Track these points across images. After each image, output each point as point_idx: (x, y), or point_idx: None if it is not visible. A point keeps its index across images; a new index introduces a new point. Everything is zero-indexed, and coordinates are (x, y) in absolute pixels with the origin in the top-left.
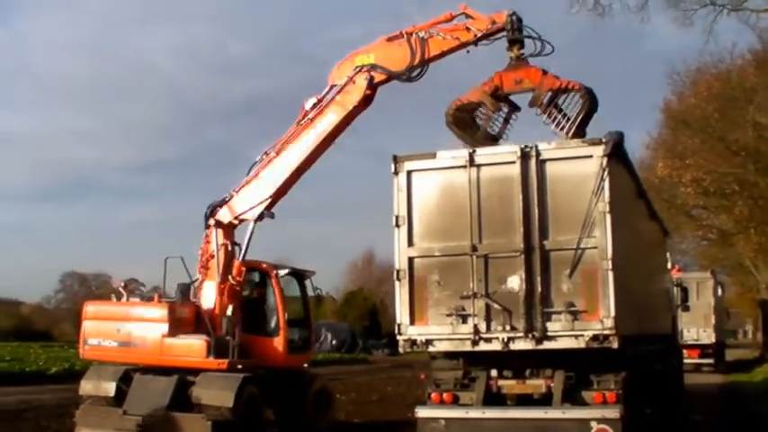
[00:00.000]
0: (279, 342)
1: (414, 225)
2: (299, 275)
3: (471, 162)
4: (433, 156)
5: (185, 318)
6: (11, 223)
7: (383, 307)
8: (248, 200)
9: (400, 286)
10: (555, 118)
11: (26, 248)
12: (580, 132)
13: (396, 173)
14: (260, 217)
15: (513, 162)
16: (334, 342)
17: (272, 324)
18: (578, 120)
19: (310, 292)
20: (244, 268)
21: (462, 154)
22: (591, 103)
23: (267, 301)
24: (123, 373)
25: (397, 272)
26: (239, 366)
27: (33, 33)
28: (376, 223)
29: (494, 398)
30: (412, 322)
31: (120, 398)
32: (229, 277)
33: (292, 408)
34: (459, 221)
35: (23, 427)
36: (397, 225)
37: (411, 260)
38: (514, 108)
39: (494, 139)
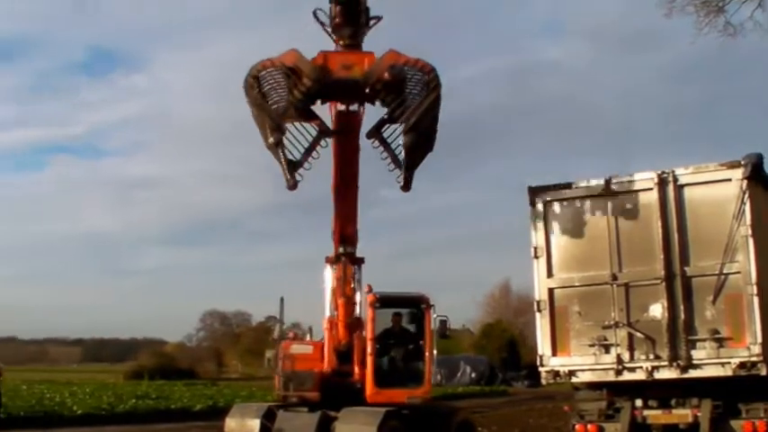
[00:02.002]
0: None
1: (552, 255)
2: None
3: (608, 191)
4: (569, 186)
5: None
6: (152, 267)
7: (522, 338)
8: None
9: (541, 317)
10: (389, 103)
11: (167, 290)
12: (418, 128)
13: (532, 204)
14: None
15: (651, 189)
16: (473, 375)
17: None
18: (422, 107)
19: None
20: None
21: (599, 182)
22: (437, 93)
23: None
24: (267, 410)
25: (538, 303)
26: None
27: (174, 80)
28: (512, 254)
29: (639, 428)
30: (554, 353)
31: None
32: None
33: None
34: (598, 250)
35: None
36: (536, 256)
37: (551, 291)
38: (325, 132)
39: (292, 166)
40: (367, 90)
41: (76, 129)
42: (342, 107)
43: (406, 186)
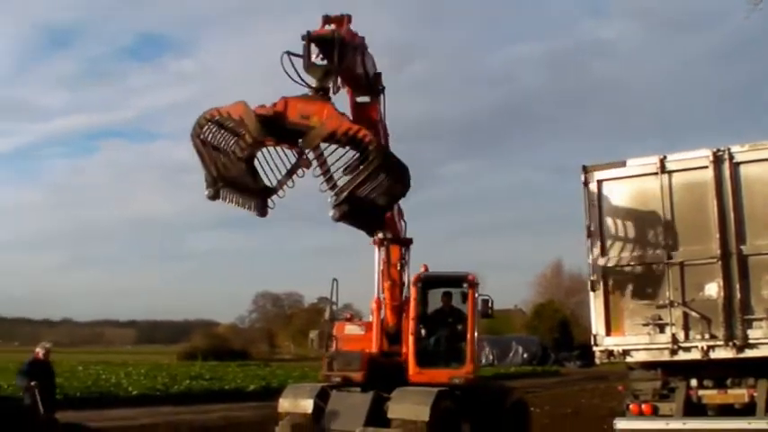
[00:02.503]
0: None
1: (606, 235)
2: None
3: (662, 169)
4: (623, 164)
5: None
6: (204, 251)
7: (574, 318)
8: None
9: (594, 297)
10: (327, 171)
11: (219, 273)
12: (346, 206)
13: (586, 183)
14: None
15: (706, 167)
16: (525, 355)
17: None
18: (356, 181)
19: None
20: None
21: (653, 161)
22: (381, 165)
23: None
24: (320, 390)
25: (591, 282)
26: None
27: (222, 65)
28: (564, 235)
29: (694, 408)
30: (608, 333)
31: (317, 414)
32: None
33: (488, 421)
34: (653, 229)
35: None
36: (589, 235)
37: (605, 270)
38: (304, 162)
39: (263, 193)
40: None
41: (127, 113)
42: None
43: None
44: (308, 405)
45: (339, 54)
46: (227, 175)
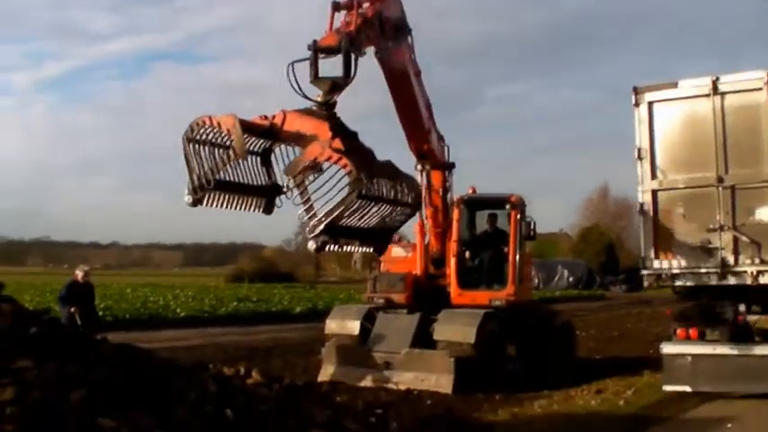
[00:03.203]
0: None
1: (656, 157)
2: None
3: (715, 90)
4: (675, 85)
5: None
6: None
7: (619, 243)
8: None
9: (644, 220)
10: (307, 201)
11: None
12: (325, 237)
13: (636, 104)
14: None
15: (760, 89)
16: (570, 279)
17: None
18: (332, 215)
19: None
20: None
21: (705, 82)
22: (360, 196)
23: None
24: (367, 312)
25: (641, 205)
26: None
27: None
28: (610, 158)
29: (741, 333)
30: (656, 256)
31: (363, 336)
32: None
33: (534, 344)
34: (704, 152)
35: (274, 363)
36: (640, 158)
37: (654, 193)
38: (315, 167)
39: (271, 190)
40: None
41: (176, 35)
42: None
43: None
44: (354, 326)
45: (346, 66)
46: (218, 178)
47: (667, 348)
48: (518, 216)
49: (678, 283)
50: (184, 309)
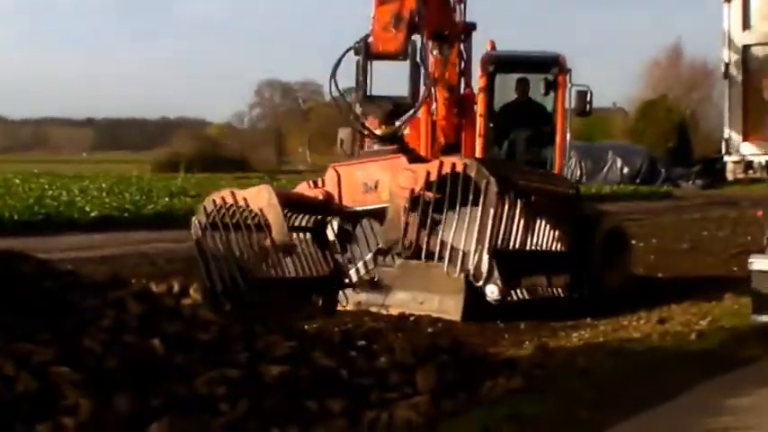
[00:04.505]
0: None
1: (750, 1)
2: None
3: None
4: None
5: None
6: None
7: (694, 122)
8: None
9: (729, 89)
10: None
11: (211, 55)
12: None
13: None
14: None
15: None
16: (625, 170)
17: None
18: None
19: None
20: None
21: None
22: None
23: None
24: None
25: (726, 67)
26: None
27: None
28: (684, 6)
29: None
30: (745, 137)
31: (342, 241)
32: None
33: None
34: None
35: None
36: (727, 0)
37: (746, 49)
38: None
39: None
40: None
41: None
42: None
43: None
44: (329, 228)
45: (413, 82)
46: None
47: (759, 264)
48: (568, 83)
49: None
50: (96, 207)
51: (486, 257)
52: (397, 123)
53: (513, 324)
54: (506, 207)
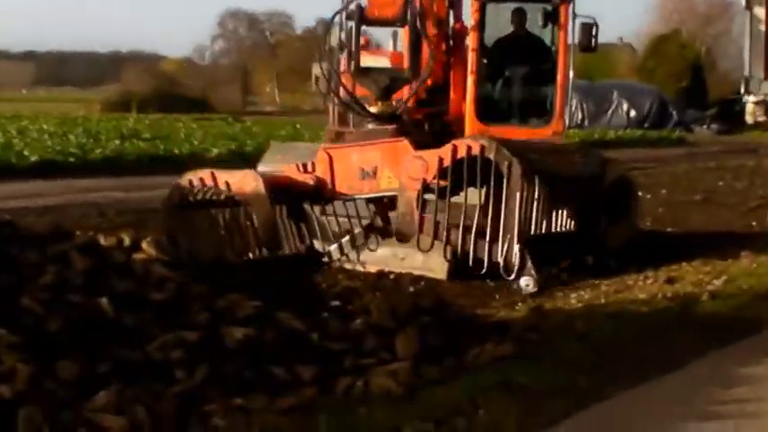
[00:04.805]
0: None
1: None
2: None
3: None
4: None
5: None
6: None
7: (711, 59)
8: None
9: (751, 20)
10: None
11: None
12: None
13: None
14: None
15: None
16: (632, 113)
17: None
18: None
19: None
20: None
21: None
22: None
23: None
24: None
25: None
26: None
27: None
28: None
29: None
30: (767, 76)
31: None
32: None
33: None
34: None
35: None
36: None
37: None
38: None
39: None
40: None
41: None
42: None
43: None
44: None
45: (414, 51)
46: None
47: None
48: (570, 14)
49: None
50: (37, 150)
51: (516, 247)
52: (395, 102)
53: (504, 283)
54: (533, 190)
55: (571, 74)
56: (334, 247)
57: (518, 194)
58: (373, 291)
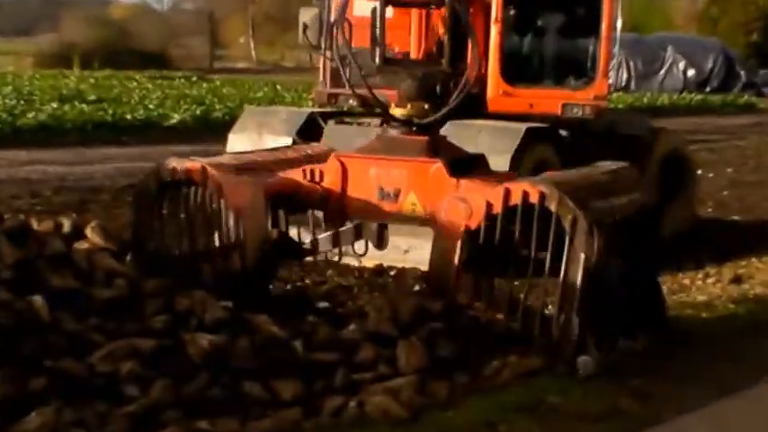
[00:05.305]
0: None
1: None
2: None
3: None
4: None
5: None
6: None
7: None
8: None
9: None
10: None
11: None
12: None
13: None
14: None
15: None
16: (690, 73)
17: None
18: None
19: None
20: None
21: None
22: None
23: None
24: (307, 121)
25: None
26: None
27: None
28: None
29: None
30: None
31: None
32: None
33: None
34: None
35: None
36: None
37: None
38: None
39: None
40: None
41: None
42: None
43: None
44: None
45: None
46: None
47: None
48: None
49: None
50: None
51: (575, 321)
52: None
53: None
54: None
55: (619, 23)
56: (323, 237)
57: (582, 256)
58: (370, 290)
